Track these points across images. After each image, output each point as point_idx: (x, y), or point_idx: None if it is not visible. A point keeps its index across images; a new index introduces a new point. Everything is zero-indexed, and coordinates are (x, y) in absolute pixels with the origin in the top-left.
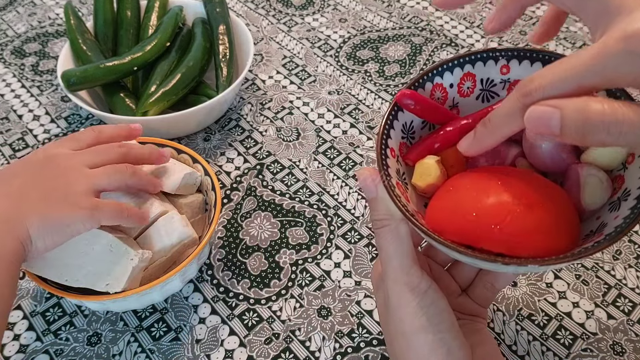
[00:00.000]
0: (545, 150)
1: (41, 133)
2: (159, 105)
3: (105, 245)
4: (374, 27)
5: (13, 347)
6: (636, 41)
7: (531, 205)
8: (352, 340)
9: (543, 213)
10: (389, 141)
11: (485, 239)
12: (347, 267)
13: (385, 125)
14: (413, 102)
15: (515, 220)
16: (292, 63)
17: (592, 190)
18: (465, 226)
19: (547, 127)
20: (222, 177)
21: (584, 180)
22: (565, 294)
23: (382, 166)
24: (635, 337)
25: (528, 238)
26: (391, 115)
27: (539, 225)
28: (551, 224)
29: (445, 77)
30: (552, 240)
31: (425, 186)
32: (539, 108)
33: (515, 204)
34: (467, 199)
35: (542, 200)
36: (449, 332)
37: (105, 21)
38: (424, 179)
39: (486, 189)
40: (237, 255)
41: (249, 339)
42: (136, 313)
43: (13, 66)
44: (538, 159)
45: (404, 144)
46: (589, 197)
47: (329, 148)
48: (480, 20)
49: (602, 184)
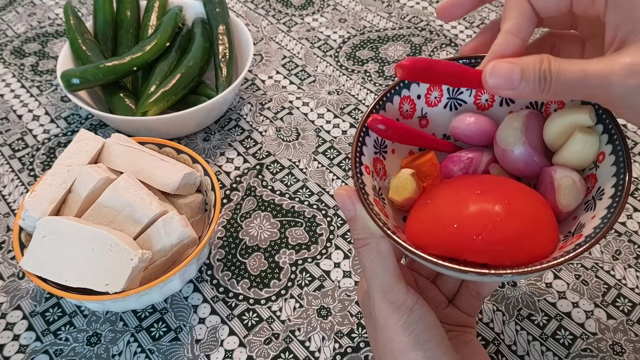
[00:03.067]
0: (518, 154)
1: (41, 133)
2: (159, 106)
3: (105, 245)
4: (373, 27)
5: (13, 347)
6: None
7: (511, 212)
8: (352, 341)
9: (523, 219)
10: (362, 159)
11: (468, 250)
12: (347, 267)
13: (357, 144)
14: (384, 127)
15: (496, 229)
16: (291, 63)
17: (567, 192)
18: (446, 239)
19: (509, 80)
20: (221, 177)
21: (558, 183)
22: (565, 294)
23: (358, 185)
24: (635, 337)
25: (510, 245)
26: (362, 133)
27: (520, 232)
28: (532, 229)
29: (412, 89)
30: (534, 245)
31: (402, 200)
32: (503, 63)
33: (495, 212)
34: (447, 210)
35: (520, 205)
36: (439, 348)
37: (105, 21)
38: (400, 193)
39: (465, 199)
40: (236, 255)
41: (248, 339)
42: (136, 313)
43: (13, 66)
44: (510, 164)
45: (377, 159)
46: (564, 199)
47: (328, 148)
48: (480, 20)
49: (575, 185)
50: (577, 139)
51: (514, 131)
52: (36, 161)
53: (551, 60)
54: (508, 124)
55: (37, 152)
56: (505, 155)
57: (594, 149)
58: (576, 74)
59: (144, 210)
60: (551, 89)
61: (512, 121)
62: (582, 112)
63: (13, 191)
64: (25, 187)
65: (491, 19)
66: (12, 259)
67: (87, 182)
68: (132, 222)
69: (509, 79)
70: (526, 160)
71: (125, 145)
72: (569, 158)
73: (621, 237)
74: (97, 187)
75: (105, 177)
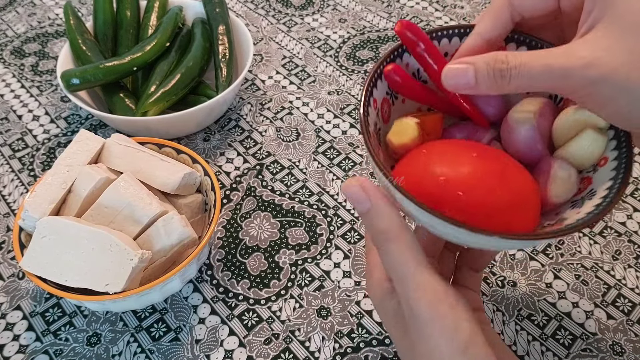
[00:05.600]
0: (524, 135)
1: (41, 133)
2: (159, 106)
3: (105, 245)
4: (373, 27)
5: (12, 348)
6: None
7: (500, 180)
8: (352, 341)
9: (510, 191)
10: (374, 91)
11: (449, 204)
12: (347, 267)
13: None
14: (400, 80)
15: (482, 192)
16: (291, 63)
17: (560, 183)
18: (432, 189)
19: (464, 79)
20: (221, 177)
21: (554, 172)
22: (565, 294)
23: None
24: (635, 337)
25: (491, 211)
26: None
27: (504, 202)
28: (515, 204)
29: (442, 44)
30: (512, 220)
31: (399, 145)
32: (455, 65)
33: (485, 176)
34: (440, 162)
35: (511, 178)
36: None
37: (105, 21)
38: (399, 136)
39: (460, 157)
40: (236, 255)
41: (248, 339)
42: (136, 313)
43: (13, 66)
44: (513, 144)
45: (386, 101)
46: (556, 190)
47: (328, 148)
48: None
49: (570, 178)
50: (586, 135)
51: (528, 113)
52: (36, 161)
53: (508, 56)
54: (524, 105)
55: (37, 152)
56: (512, 134)
57: (600, 150)
58: (540, 67)
59: (143, 210)
60: (512, 83)
61: (528, 103)
62: None
63: (13, 191)
64: (25, 187)
65: None
66: (12, 259)
67: (87, 182)
68: (132, 222)
69: (464, 78)
70: (530, 143)
71: (125, 145)
72: (574, 152)
73: (621, 237)
74: (97, 187)
75: (105, 177)
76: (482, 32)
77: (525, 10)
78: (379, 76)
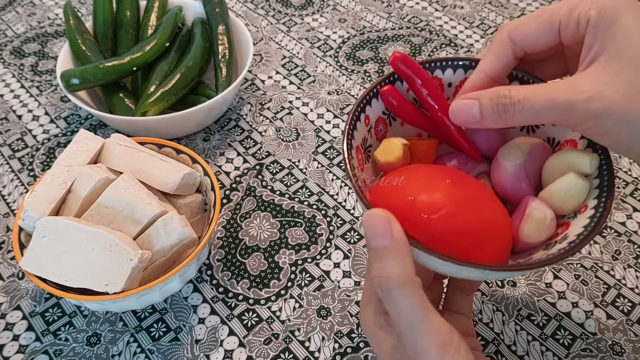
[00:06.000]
0: (509, 173)
1: (40, 133)
2: (159, 106)
3: (105, 245)
4: (373, 27)
5: (12, 348)
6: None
7: (467, 210)
8: (352, 341)
9: (476, 222)
10: (367, 108)
11: (411, 224)
12: (347, 267)
13: (371, 92)
14: (396, 103)
15: (446, 218)
16: (291, 63)
17: (534, 224)
18: (400, 206)
19: (470, 115)
20: (221, 177)
21: (529, 211)
22: (565, 294)
23: (349, 127)
24: (635, 337)
25: (449, 237)
26: (375, 89)
27: (464, 230)
28: (477, 234)
29: (446, 74)
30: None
31: (384, 162)
32: (461, 101)
33: (452, 203)
34: (413, 183)
35: (481, 211)
36: None
37: (104, 21)
38: (385, 154)
39: (433, 181)
40: (236, 255)
41: (248, 339)
42: (135, 313)
43: (12, 66)
44: (499, 180)
45: (382, 120)
46: (528, 229)
47: (328, 148)
48: (479, 20)
49: (545, 220)
50: (566, 179)
51: (517, 151)
52: (36, 161)
53: (511, 91)
54: (515, 143)
55: (37, 152)
56: (498, 170)
57: (580, 196)
58: (543, 101)
59: (143, 210)
60: (516, 117)
61: (520, 142)
62: (583, 157)
63: (13, 191)
64: (24, 187)
65: (491, 19)
66: (11, 259)
67: (87, 182)
68: (131, 222)
69: (469, 114)
70: (514, 181)
71: (125, 145)
72: (553, 194)
73: (621, 237)
74: (97, 187)
75: (104, 177)
76: (485, 68)
77: (527, 46)
78: (375, 95)
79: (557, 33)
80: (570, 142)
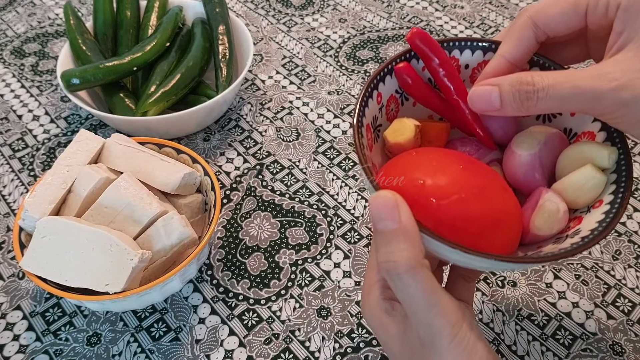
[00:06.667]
0: (523, 161)
1: (41, 133)
2: (159, 106)
3: (105, 245)
4: (373, 27)
5: (13, 348)
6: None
7: (478, 198)
8: (352, 341)
9: (483, 209)
10: (380, 85)
11: (420, 207)
12: (347, 267)
13: (385, 68)
14: (411, 81)
15: (456, 204)
16: (291, 63)
17: (545, 216)
18: (409, 189)
19: (489, 102)
20: (221, 177)
21: (542, 203)
22: (565, 294)
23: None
24: (635, 337)
25: (458, 223)
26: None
27: (473, 217)
28: (485, 223)
29: (464, 55)
30: (480, 237)
31: (393, 143)
32: (481, 88)
33: (463, 190)
34: (424, 166)
35: (492, 199)
36: None
37: (104, 21)
38: (395, 135)
39: (445, 165)
40: (236, 255)
41: (248, 339)
42: (136, 313)
43: (13, 66)
44: (512, 169)
45: (394, 99)
46: (539, 220)
47: (328, 148)
48: (480, 20)
49: (557, 213)
50: (583, 172)
51: (532, 140)
52: (36, 161)
53: (534, 77)
54: (531, 131)
55: (37, 152)
56: (512, 158)
57: (596, 190)
58: (569, 88)
59: (143, 210)
60: (539, 105)
61: (535, 131)
62: (602, 150)
63: (13, 191)
64: (25, 187)
65: (491, 18)
66: (12, 259)
67: (87, 182)
68: (132, 222)
69: (488, 101)
70: (527, 171)
71: (125, 145)
72: (568, 186)
73: (621, 237)
74: (97, 187)
75: (105, 177)
76: (505, 53)
77: (550, 30)
78: (389, 72)
79: (583, 16)
80: (588, 134)
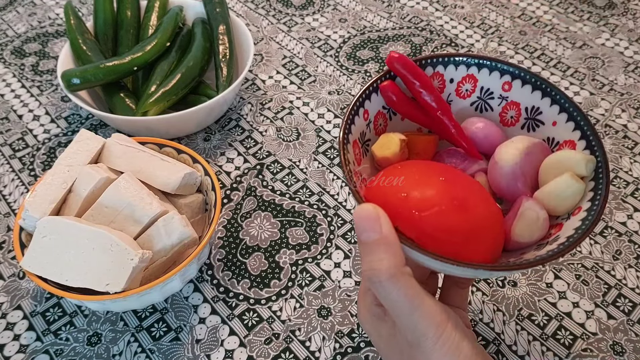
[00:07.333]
0: (505, 172)
1: (41, 133)
2: (159, 106)
3: (106, 245)
4: (374, 27)
5: (13, 347)
6: None
7: (458, 209)
8: (352, 340)
9: (464, 220)
10: (365, 103)
11: (402, 219)
12: (347, 267)
13: (370, 87)
14: (395, 97)
15: (437, 215)
16: (292, 63)
17: (526, 223)
18: (392, 202)
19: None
20: (222, 177)
21: (522, 211)
22: (566, 294)
23: (346, 122)
24: (635, 337)
25: (438, 234)
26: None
27: (454, 228)
28: (467, 233)
29: (448, 70)
30: (462, 247)
31: (381, 157)
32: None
33: (444, 201)
34: (407, 179)
35: (473, 210)
36: None
37: (105, 21)
38: (382, 149)
39: (427, 178)
40: (237, 255)
41: (249, 339)
42: (136, 313)
43: (13, 66)
44: (495, 179)
45: (382, 115)
46: (520, 228)
47: (329, 148)
48: (480, 20)
49: (537, 221)
50: (561, 180)
51: (514, 150)
52: (36, 161)
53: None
54: (513, 142)
55: (38, 152)
56: (495, 169)
57: (575, 197)
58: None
59: (144, 210)
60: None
61: (518, 141)
62: (580, 158)
63: (13, 191)
64: (25, 187)
65: (491, 18)
66: (12, 258)
67: (88, 182)
68: (132, 222)
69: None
70: (510, 181)
71: (126, 145)
72: (547, 195)
73: (621, 237)
74: (98, 187)
75: (105, 177)
76: None
77: None
78: (375, 90)
79: None
80: (569, 142)
